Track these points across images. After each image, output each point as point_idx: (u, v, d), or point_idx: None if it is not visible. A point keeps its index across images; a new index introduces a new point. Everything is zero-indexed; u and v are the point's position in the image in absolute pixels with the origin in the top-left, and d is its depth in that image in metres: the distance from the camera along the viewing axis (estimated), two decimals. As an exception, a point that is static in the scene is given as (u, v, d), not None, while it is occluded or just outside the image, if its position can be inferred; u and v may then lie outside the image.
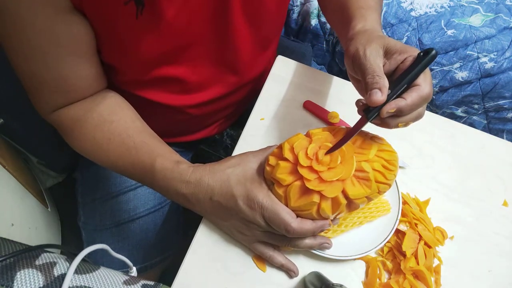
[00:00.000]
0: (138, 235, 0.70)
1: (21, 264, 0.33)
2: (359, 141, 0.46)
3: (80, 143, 0.53)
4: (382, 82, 0.40)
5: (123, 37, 0.48)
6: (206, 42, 0.55)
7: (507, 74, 0.89)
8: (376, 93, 0.39)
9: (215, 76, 0.61)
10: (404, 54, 0.41)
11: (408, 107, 0.40)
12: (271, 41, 0.66)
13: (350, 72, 0.46)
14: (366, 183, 0.44)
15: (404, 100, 0.40)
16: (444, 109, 0.98)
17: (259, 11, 0.55)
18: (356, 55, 0.42)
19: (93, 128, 0.51)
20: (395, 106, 0.40)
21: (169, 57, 0.53)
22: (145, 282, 0.39)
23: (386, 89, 0.40)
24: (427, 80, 0.41)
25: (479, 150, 0.63)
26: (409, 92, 0.40)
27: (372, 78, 0.40)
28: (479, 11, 0.91)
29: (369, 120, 0.42)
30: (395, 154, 0.47)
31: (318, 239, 0.49)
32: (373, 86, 0.40)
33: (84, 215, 0.73)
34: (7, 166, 0.79)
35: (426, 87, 0.40)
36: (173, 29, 0.49)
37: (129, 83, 0.57)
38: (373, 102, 0.40)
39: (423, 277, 0.50)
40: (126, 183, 0.71)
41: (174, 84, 0.59)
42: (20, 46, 0.45)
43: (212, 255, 0.52)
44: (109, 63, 0.53)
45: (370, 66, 0.41)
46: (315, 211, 0.44)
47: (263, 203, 0.45)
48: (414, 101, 0.40)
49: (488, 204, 0.59)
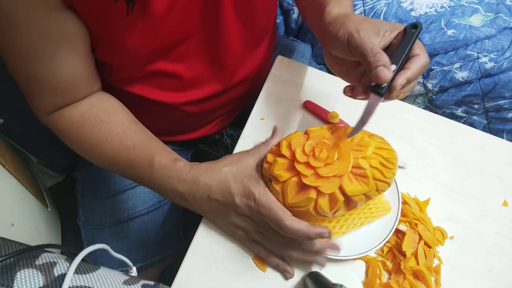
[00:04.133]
0: (138, 234, 0.70)
1: (21, 264, 0.33)
2: (357, 139, 0.47)
3: (78, 145, 0.53)
4: (384, 58, 0.41)
5: (115, 34, 0.48)
6: (198, 37, 0.55)
7: (507, 74, 0.89)
8: (383, 70, 0.41)
9: (209, 72, 0.61)
10: (395, 31, 0.44)
11: (414, 75, 0.43)
12: (262, 37, 0.66)
13: (340, 55, 0.47)
14: (363, 180, 0.44)
15: (409, 70, 0.43)
16: (444, 109, 0.98)
17: (250, 5, 0.55)
18: (350, 39, 0.44)
19: (90, 129, 0.51)
20: (404, 78, 0.42)
21: (162, 52, 0.54)
22: (145, 282, 0.39)
23: (389, 64, 0.42)
24: (423, 49, 0.44)
25: (479, 150, 0.63)
26: (411, 62, 0.43)
27: (374, 56, 0.42)
28: (479, 11, 0.91)
29: (382, 96, 0.43)
30: (393, 152, 0.47)
31: (310, 256, 0.49)
32: (377, 64, 0.41)
33: (83, 214, 0.73)
34: (7, 166, 0.79)
35: (424, 55, 0.44)
36: (164, 24, 0.49)
37: (124, 80, 0.57)
38: (382, 79, 0.41)
39: (423, 277, 0.50)
40: (125, 181, 0.71)
41: (168, 80, 0.59)
42: (16, 47, 0.44)
43: (212, 255, 0.52)
44: (103, 61, 0.53)
45: (368, 46, 0.42)
46: (313, 207, 0.44)
47: (259, 199, 0.45)
48: (418, 69, 0.43)
49: (488, 204, 0.59)
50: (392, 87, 0.42)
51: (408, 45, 0.43)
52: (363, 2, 0.94)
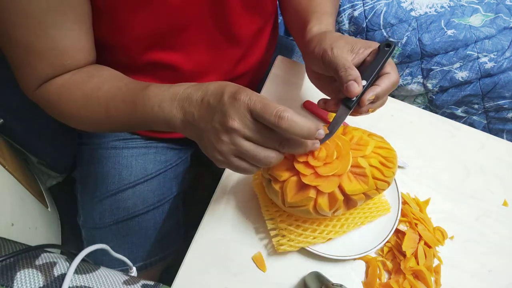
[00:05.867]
0: (138, 233, 0.70)
1: (21, 264, 0.33)
2: (357, 138, 0.47)
3: (70, 104, 0.50)
4: (355, 73, 0.43)
5: (118, 9, 0.48)
6: (202, 25, 0.55)
7: (507, 74, 0.89)
8: (353, 84, 0.43)
9: (210, 64, 0.61)
10: (369, 49, 0.46)
11: (383, 92, 0.45)
12: (264, 28, 0.67)
13: (318, 71, 0.50)
14: (363, 179, 0.44)
15: (379, 87, 0.45)
16: (444, 109, 0.98)
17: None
18: (325, 55, 0.46)
19: (82, 83, 0.49)
20: (373, 94, 0.44)
21: (162, 39, 0.53)
22: (145, 282, 0.39)
23: (360, 79, 0.43)
24: (394, 68, 0.47)
25: (479, 150, 0.63)
26: (381, 79, 0.45)
27: (345, 71, 0.43)
28: (479, 11, 0.91)
29: (351, 109, 0.45)
30: (393, 151, 0.47)
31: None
32: (348, 79, 0.43)
33: (83, 214, 0.73)
34: (7, 166, 0.79)
35: (394, 74, 0.46)
36: (168, 7, 0.49)
37: (122, 68, 0.57)
38: (351, 92, 0.43)
39: (423, 277, 0.50)
40: (124, 180, 0.71)
41: (168, 71, 0.59)
42: (19, 14, 0.43)
43: (212, 255, 0.52)
44: (102, 40, 0.52)
45: (341, 62, 0.44)
46: (312, 206, 0.44)
47: (251, 95, 0.38)
48: (387, 87, 0.45)
49: (488, 204, 0.59)
50: (361, 101, 0.45)
51: (380, 62, 0.45)
52: (363, 2, 0.94)
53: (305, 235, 0.50)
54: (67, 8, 0.45)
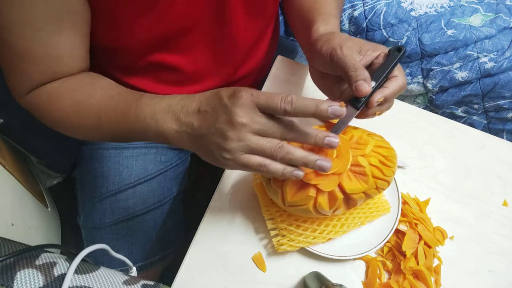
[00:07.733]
0: (138, 233, 0.70)
1: (21, 264, 0.33)
2: (356, 137, 0.47)
3: (59, 111, 0.50)
4: (365, 74, 0.43)
5: (119, 15, 0.47)
6: (204, 28, 0.55)
7: (507, 74, 0.89)
8: (363, 84, 0.42)
9: (211, 66, 0.61)
10: (377, 51, 0.47)
11: (391, 94, 0.45)
12: (265, 31, 0.67)
13: (323, 70, 0.49)
14: (363, 178, 0.44)
15: (387, 89, 0.45)
16: (444, 109, 0.98)
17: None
18: (334, 54, 0.46)
19: (72, 92, 0.49)
20: (382, 95, 0.44)
21: (165, 42, 0.53)
22: (145, 282, 0.39)
23: (369, 80, 0.43)
24: (402, 72, 0.47)
25: (479, 150, 0.63)
26: (390, 82, 0.46)
27: (355, 71, 0.43)
28: (479, 11, 0.91)
29: (359, 109, 0.44)
30: (393, 151, 0.47)
31: None
32: (357, 78, 0.43)
33: (83, 214, 0.73)
34: (7, 166, 0.79)
35: (402, 77, 0.46)
36: (171, 12, 0.49)
37: (123, 69, 0.57)
38: (361, 92, 0.42)
39: (423, 277, 0.50)
40: (125, 181, 0.71)
41: (169, 73, 0.58)
42: (15, 20, 0.43)
43: (212, 255, 0.52)
44: (103, 45, 0.52)
45: (350, 62, 0.44)
46: (312, 205, 0.44)
47: (251, 91, 0.39)
48: (396, 89, 0.46)
49: (488, 204, 0.59)
50: (369, 103, 0.44)
51: (390, 65, 0.45)
52: (363, 2, 0.94)
53: (305, 235, 0.50)
54: (65, 17, 0.45)
